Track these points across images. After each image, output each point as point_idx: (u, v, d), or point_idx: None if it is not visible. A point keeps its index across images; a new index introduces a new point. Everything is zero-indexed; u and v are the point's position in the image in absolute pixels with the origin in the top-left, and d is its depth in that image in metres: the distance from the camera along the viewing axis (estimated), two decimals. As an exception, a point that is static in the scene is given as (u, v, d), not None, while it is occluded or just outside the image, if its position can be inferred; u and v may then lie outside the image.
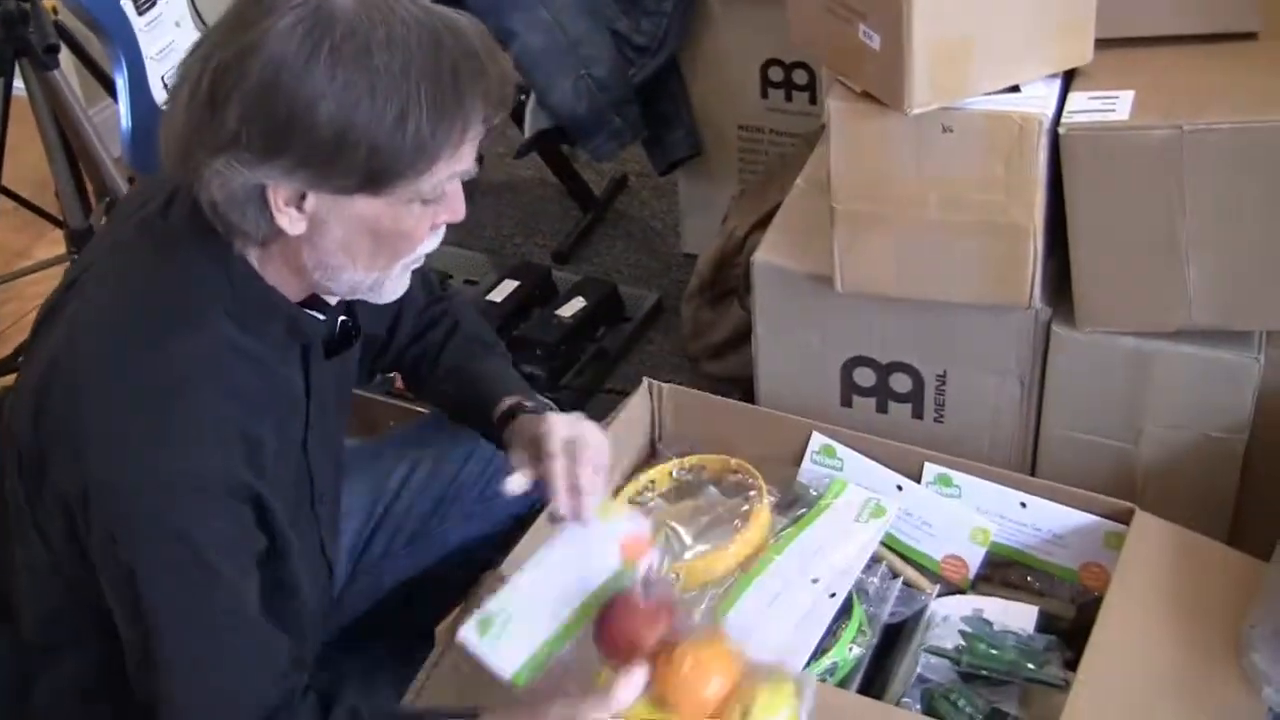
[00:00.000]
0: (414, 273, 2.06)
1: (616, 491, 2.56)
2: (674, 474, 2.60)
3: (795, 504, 2.51)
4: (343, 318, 2.15)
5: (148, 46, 3.70)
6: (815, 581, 2.32)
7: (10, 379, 3.66)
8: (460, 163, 1.84)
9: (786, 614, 2.29)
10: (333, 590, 2.31)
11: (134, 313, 1.88)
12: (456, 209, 1.90)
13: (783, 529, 2.44)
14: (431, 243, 1.93)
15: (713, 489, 2.56)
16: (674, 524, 2.47)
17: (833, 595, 2.30)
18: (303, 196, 1.78)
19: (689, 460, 2.61)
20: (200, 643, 1.86)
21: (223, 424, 1.82)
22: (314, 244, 1.84)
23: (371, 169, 1.75)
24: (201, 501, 1.80)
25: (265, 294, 1.89)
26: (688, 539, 2.45)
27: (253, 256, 1.88)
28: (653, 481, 2.58)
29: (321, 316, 1.99)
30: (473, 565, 2.49)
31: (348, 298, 2.00)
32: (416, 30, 1.75)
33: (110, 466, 1.79)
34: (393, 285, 1.95)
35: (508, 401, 2.30)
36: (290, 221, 1.79)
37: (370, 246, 1.86)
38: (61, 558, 1.91)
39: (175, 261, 1.88)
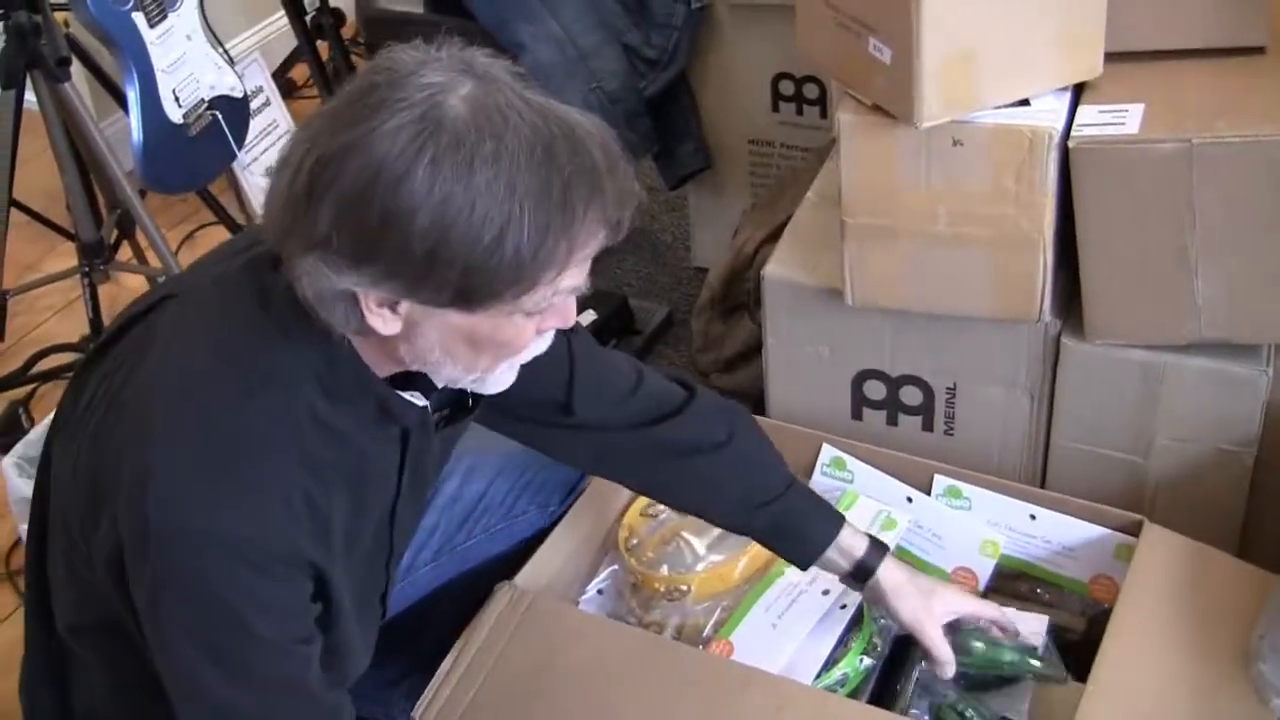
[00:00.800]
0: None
1: (628, 504, 2.57)
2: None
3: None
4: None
5: (159, 59, 3.71)
6: (826, 593, 2.33)
7: (23, 391, 3.68)
8: (568, 279, 1.73)
9: (797, 625, 2.30)
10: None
11: (224, 361, 1.80)
12: (567, 317, 1.82)
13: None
14: (539, 346, 1.85)
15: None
16: (686, 535, 2.48)
17: (843, 607, 2.30)
18: (398, 302, 1.70)
19: None
20: (246, 706, 1.81)
21: (291, 494, 1.76)
22: (411, 343, 1.77)
23: (464, 287, 1.66)
24: (255, 572, 1.73)
25: (359, 373, 1.83)
26: (700, 550, 2.46)
27: (360, 345, 1.81)
28: (664, 494, 2.59)
29: (420, 402, 1.92)
30: (490, 578, 2.50)
31: (452, 386, 1.91)
32: (530, 144, 1.64)
33: (169, 517, 1.72)
34: (497, 379, 1.86)
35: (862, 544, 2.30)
36: (384, 323, 1.72)
37: (469, 352, 1.78)
38: (104, 586, 1.86)
39: (274, 318, 1.80)
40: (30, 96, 3.44)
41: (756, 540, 2.35)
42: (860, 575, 2.28)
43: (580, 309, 3.72)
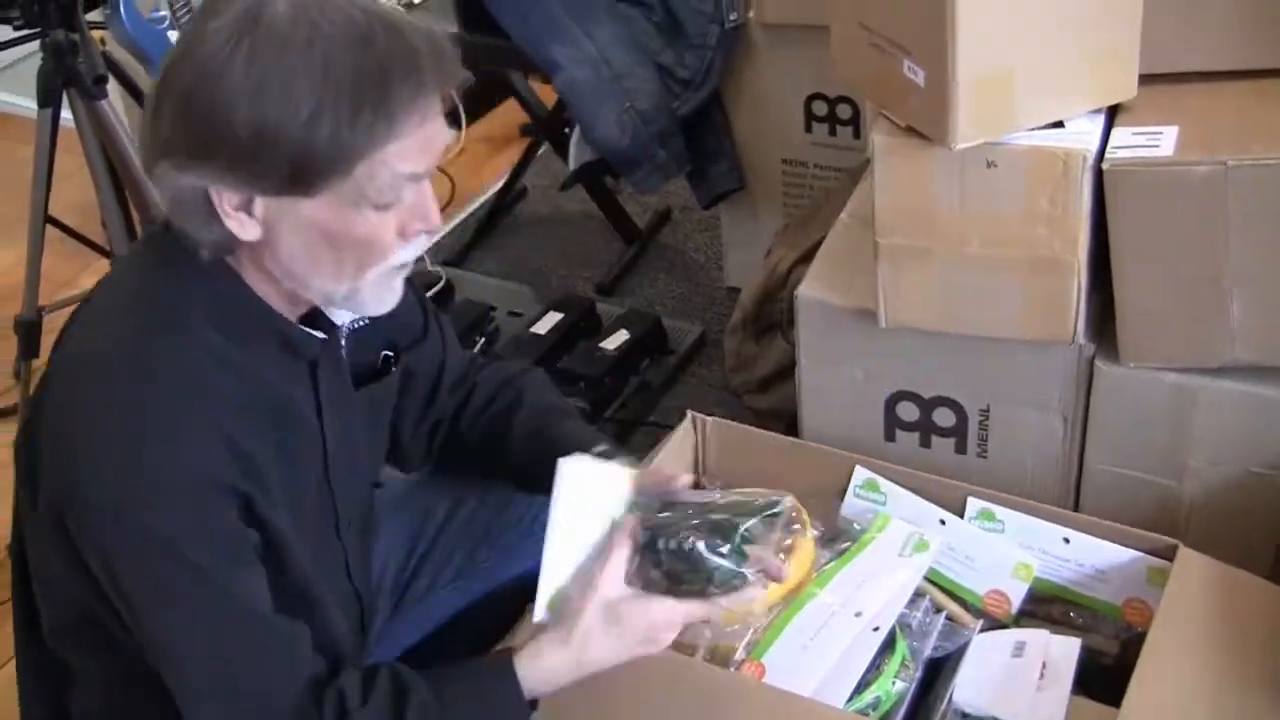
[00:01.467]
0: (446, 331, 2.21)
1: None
2: (717, 508, 2.60)
3: (839, 538, 2.51)
4: (387, 352, 2.18)
5: (195, 78, 3.72)
6: (858, 615, 2.32)
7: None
8: (404, 163, 1.80)
9: (829, 648, 2.29)
10: (369, 622, 2.31)
11: (122, 320, 1.90)
12: (426, 215, 1.88)
13: (826, 563, 2.43)
14: (406, 252, 1.90)
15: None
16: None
17: (876, 629, 2.30)
18: (249, 201, 1.79)
19: (733, 494, 2.60)
20: (201, 637, 1.86)
21: (203, 424, 1.81)
22: (274, 251, 1.84)
23: (295, 169, 1.75)
24: (182, 497, 1.79)
25: (250, 304, 1.89)
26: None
27: (245, 274, 1.89)
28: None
29: (320, 335, 1.98)
30: (517, 598, 2.50)
31: (332, 308, 1.98)
32: (345, 31, 1.74)
33: (88, 470, 1.80)
34: (370, 296, 1.92)
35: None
36: (241, 226, 1.80)
37: (331, 254, 1.84)
38: (63, 563, 1.91)
39: (168, 271, 1.89)
40: (66, 114, 3.45)
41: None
42: None
43: (613, 329, 3.77)
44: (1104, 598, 2.47)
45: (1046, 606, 2.51)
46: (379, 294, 1.93)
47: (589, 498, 2.10)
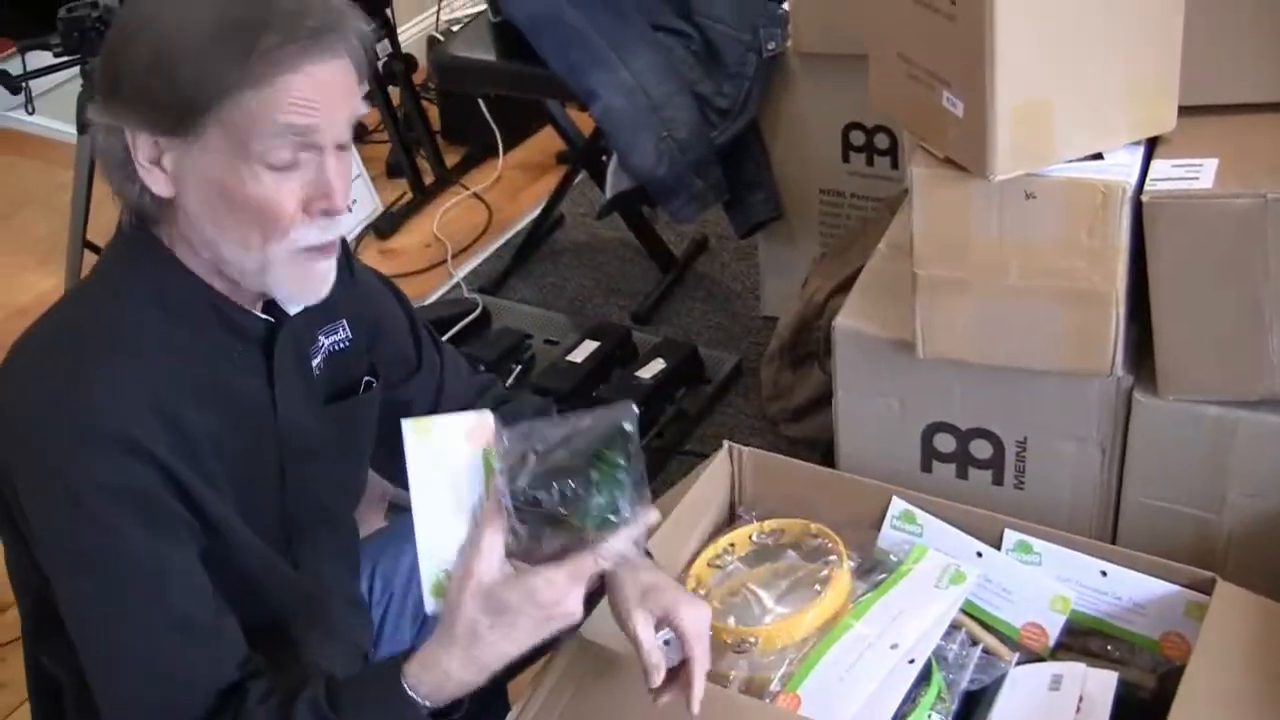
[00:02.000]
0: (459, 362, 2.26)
1: (695, 555, 2.56)
2: (753, 538, 2.60)
3: (875, 569, 2.50)
4: (369, 378, 2.21)
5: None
6: (894, 648, 2.31)
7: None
8: (285, 113, 1.81)
9: (865, 679, 2.28)
10: (373, 638, 2.32)
11: (70, 295, 2.01)
12: (328, 193, 1.87)
13: (862, 594, 2.43)
14: (312, 232, 1.89)
15: (792, 553, 2.55)
16: (754, 587, 2.47)
17: (911, 661, 2.29)
18: (160, 154, 1.83)
19: (768, 524, 2.60)
20: (109, 601, 1.85)
21: (129, 390, 1.83)
22: (186, 211, 1.87)
23: (178, 102, 1.79)
24: (88, 450, 1.79)
25: (191, 284, 1.92)
26: (768, 602, 2.44)
27: (180, 253, 1.92)
28: (732, 545, 2.58)
29: (263, 316, 1.99)
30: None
31: (250, 288, 1.95)
32: None
33: (10, 411, 1.84)
34: (286, 275, 1.91)
35: None
36: (153, 179, 1.84)
37: (231, 216, 1.85)
38: (17, 559, 1.95)
39: (111, 260, 1.97)
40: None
41: None
42: None
43: (650, 357, 3.77)
44: (1142, 631, 2.46)
45: (1084, 639, 2.50)
46: (294, 276, 1.92)
47: (445, 457, 1.98)
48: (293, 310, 2.02)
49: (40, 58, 3.44)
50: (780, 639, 2.34)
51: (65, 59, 3.38)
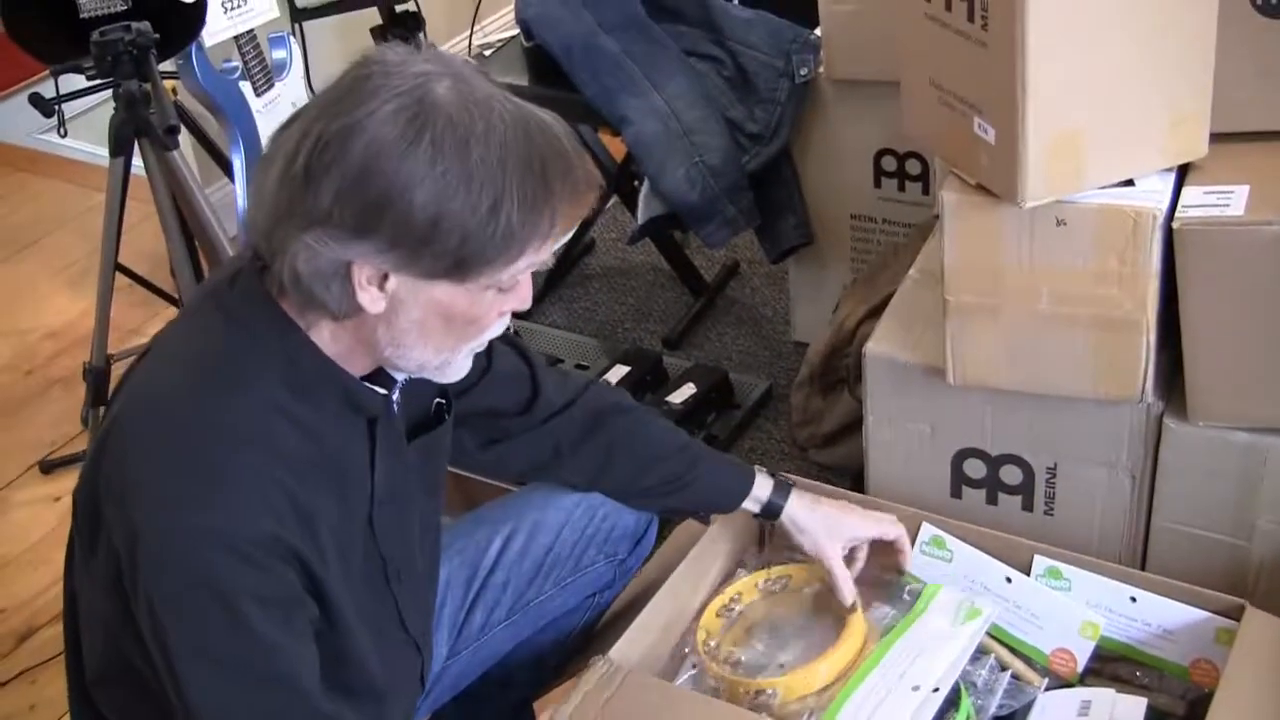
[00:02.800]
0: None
1: (703, 607, 2.56)
2: (759, 585, 2.60)
3: (889, 601, 2.52)
4: (438, 400, 2.20)
5: (265, 128, 3.76)
6: (916, 689, 2.31)
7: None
8: (541, 255, 1.86)
9: (893, 716, 2.28)
10: (426, 668, 2.32)
11: (189, 372, 1.90)
12: (525, 297, 1.93)
13: (881, 635, 2.43)
14: (497, 328, 1.95)
15: (806, 592, 2.56)
16: (761, 631, 2.48)
17: (936, 690, 2.29)
18: (385, 277, 1.80)
19: (775, 571, 2.61)
20: (237, 700, 1.84)
21: (266, 485, 1.82)
22: (390, 323, 1.86)
23: (460, 256, 1.78)
24: (238, 559, 1.78)
25: (323, 364, 1.91)
26: (779, 646, 2.45)
27: (324, 328, 1.90)
28: (739, 594, 2.58)
29: (382, 391, 2.00)
30: (560, 635, 2.53)
31: (414, 375, 2.01)
32: (512, 126, 1.78)
33: (151, 520, 1.80)
34: (457, 367, 1.97)
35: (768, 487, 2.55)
36: (371, 300, 1.82)
37: (442, 329, 1.88)
38: (111, 615, 1.92)
39: (235, 326, 1.91)
40: (137, 162, 3.48)
41: (675, 505, 2.59)
42: (769, 514, 2.54)
43: (680, 382, 3.77)
44: (1171, 658, 2.46)
45: (1113, 666, 2.50)
46: (462, 366, 1.99)
47: None
48: (401, 376, 2.04)
49: (73, 81, 3.45)
50: (799, 688, 2.34)
51: (98, 82, 3.39)
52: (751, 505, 2.53)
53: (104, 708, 2.08)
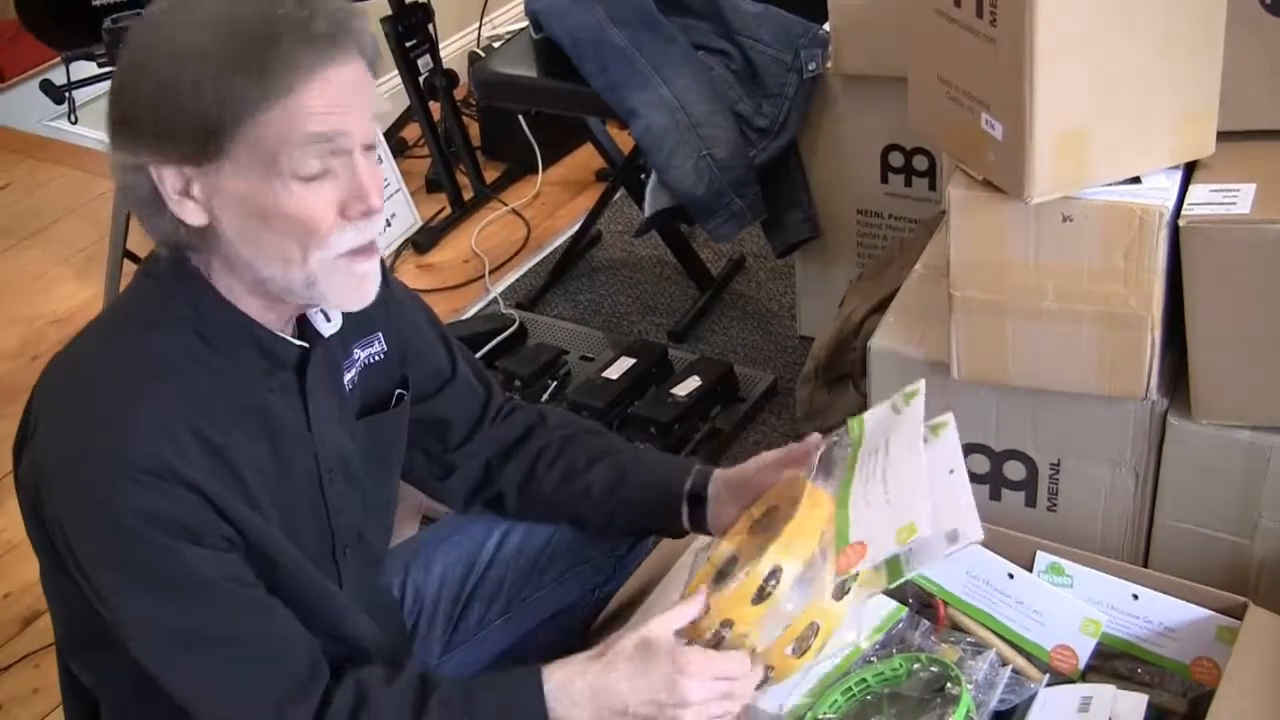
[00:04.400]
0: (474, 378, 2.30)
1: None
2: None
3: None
4: (400, 390, 2.23)
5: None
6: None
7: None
8: (309, 123, 1.81)
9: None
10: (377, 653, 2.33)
11: (104, 320, 1.98)
12: (363, 194, 1.87)
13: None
14: (349, 235, 1.88)
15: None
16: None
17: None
18: (188, 183, 1.82)
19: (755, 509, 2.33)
20: (158, 609, 1.87)
21: (168, 419, 1.83)
22: (221, 236, 1.86)
23: (197, 128, 1.78)
24: (128, 480, 1.79)
25: (226, 310, 1.91)
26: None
27: (217, 275, 1.91)
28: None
29: (297, 342, 1.99)
30: (559, 631, 2.52)
31: (303, 303, 1.98)
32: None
33: (54, 449, 1.84)
34: (332, 286, 1.91)
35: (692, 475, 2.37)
36: (184, 209, 1.83)
37: (269, 234, 1.84)
38: (46, 557, 1.96)
39: (149, 283, 1.96)
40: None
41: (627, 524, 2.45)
42: (698, 491, 2.36)
43: (685, 375, 3.77)
44: (1172, 655, 2.46)
45: (1114, 663, 2.50)
46: (341, 283, 1.92)
47: None
48: (331, 326, 2.04)
49: (84, 68, 3.45)
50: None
51: (109, 69, 3.39)
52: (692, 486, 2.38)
53: (82, 678, 2.10)
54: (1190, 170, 2.42)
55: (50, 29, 3.60)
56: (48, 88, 3.54)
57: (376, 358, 2.16)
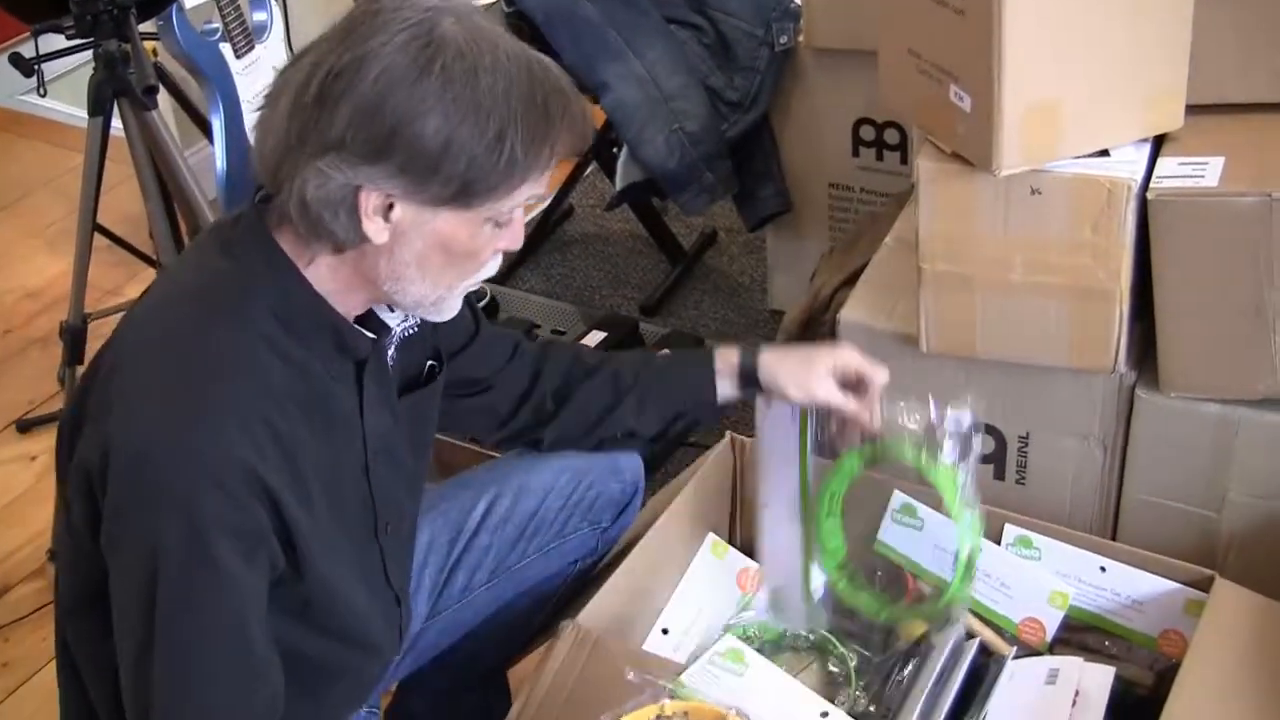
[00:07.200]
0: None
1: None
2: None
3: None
4: (432, 362, 2.22)
5: (245, 90, 3.75)
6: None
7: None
8: (539, 187, 1.91)
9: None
10: (406, 624, 2.32)
11: (183, 303, 1.95)
12: (517, 236, 1.97)
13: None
14: (491, 267, 2.00)
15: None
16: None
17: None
18: (390, 206, 1.84)
19: (670, 706, 2.18)
20: (186, 626, 1.85)
21: (251, 418, 1.84)
22: (392, 255, 1.90)
23: (466, 182, 1.82)
24: (212, 485, 1.80)
25: (314, 301, 1.93)
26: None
27: (323, 263, 1.93)
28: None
29: (371, 335, 2.02)
30: (540, 601, 2.53)
31: (410, 311, 2.06)
32: (516, 61, 1.83)
33: (130, 432, 1.82)
34: (451, 304, 2.02)
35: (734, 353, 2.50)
36: (376, 230, 1.85)
37: (441, 263, 1.92)
38: (81, 541, 1.93)
39: (232, 260, 1.94)
40: (116, 123, 3.47)
41: (654, 410, 2.54)
42: (748, 377, 2.48)
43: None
44: (1140, 628, 2.47)
45: (1081, 635, 2.51)
46: (455, 304, 2.03)
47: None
48: (395, 317, 2.09)
49: (53, 41, 3.44)
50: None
51: (78, 42, 3.38)
52: (727, 377, 2.50)
53: (72, 643, 2.08)
54: (1159, 143, 2.43)
55: (18, 1, 3.58)
56: (17, 61, 3.52)
57: (411, 329, 2.16)
